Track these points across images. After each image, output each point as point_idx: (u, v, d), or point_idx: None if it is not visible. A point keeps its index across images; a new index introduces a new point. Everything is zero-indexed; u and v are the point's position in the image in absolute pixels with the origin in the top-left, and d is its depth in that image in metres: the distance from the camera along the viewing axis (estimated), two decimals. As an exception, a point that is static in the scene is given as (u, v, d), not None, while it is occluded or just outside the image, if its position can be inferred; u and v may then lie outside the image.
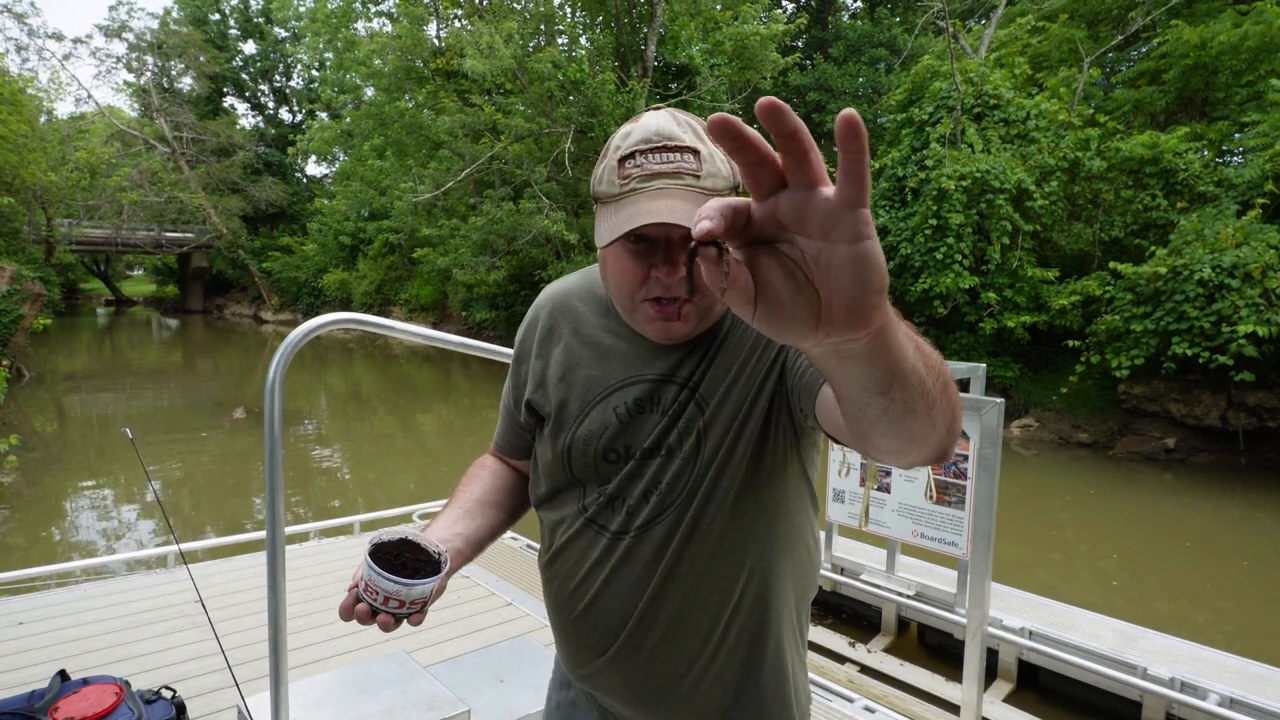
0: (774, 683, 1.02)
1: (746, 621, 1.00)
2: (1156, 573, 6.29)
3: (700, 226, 0.45)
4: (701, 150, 0.89)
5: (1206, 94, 12.91)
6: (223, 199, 32.49)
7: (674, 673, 0.99)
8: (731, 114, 0.44)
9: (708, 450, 0.96)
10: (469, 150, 18.22)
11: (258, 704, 2.03)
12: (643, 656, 0.99)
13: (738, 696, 1.01)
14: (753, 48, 17.39)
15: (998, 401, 2.31)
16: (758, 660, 1.01)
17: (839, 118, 0.41)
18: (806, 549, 1.05)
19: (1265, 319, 8.39)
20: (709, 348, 0.99)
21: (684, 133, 0.89)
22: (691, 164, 0.88)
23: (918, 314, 12.26)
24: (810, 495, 1.05)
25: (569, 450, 1.03)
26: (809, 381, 0.87)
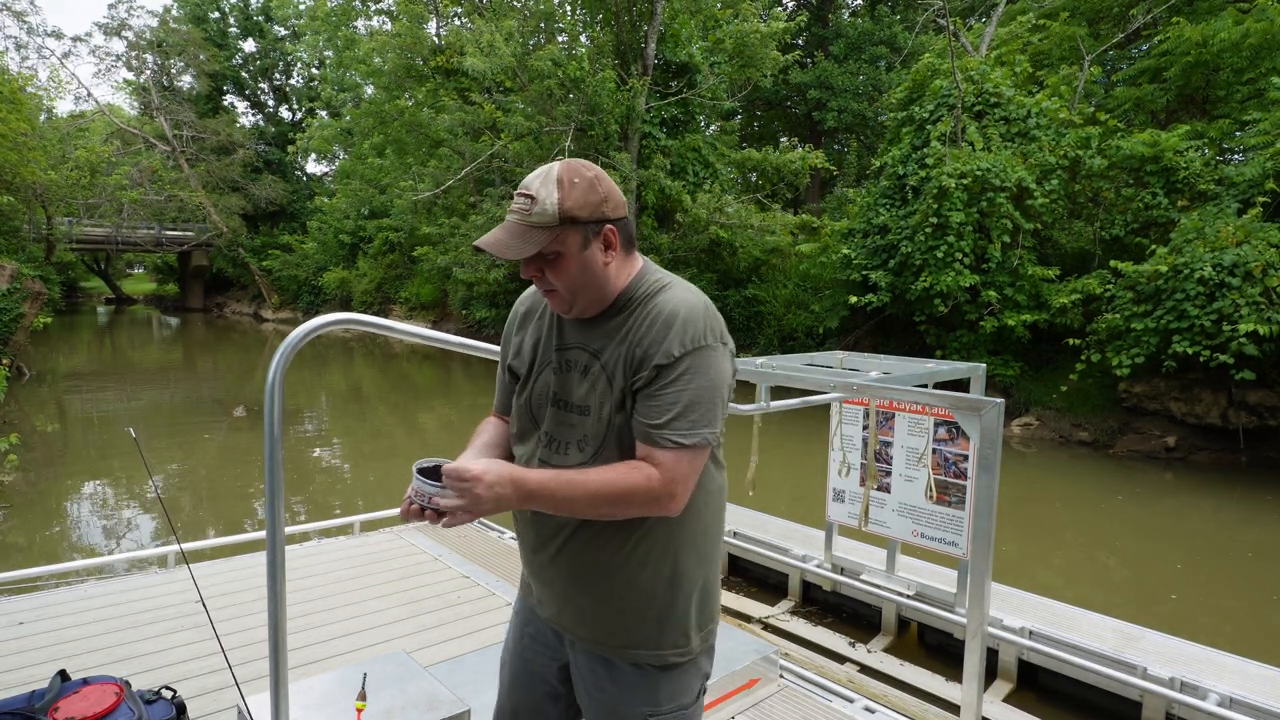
0: (670, 589, 1.34)
1: (647, 545, 1.32)
2: (1156, 572, 6.29)
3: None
4: (538, 197, 1.24)
5: (1207, 92, 12.89)
6: (223, 197, 32.46)
7: (597, 566, 1.34)
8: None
9: (607, 410, 1.29)
10: (469, 148, 18.20)
11: (258, 704, 2.03)
12: (576, 553, 1.34)
13: (638, 593, 1.33)
14: (753, 46, 17.36)
15: (998, 401, 2.31)
16: (663, 576, 1.34)
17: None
18: (704, 495, 1.35)
19: (1266, 317, 8.39)
20: (615, 328, 1.32)
21: (536, 184, 1.25)
22: (525, 206, 1.25)
23: (918, 312, 12.26)
24: (711, 461, 1.35)
25: (529, 400, 1.41)
26: (635, 429, 1.27)
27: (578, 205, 1.25)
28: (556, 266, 1.28)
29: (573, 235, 1.27)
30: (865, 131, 23.88)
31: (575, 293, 1.30)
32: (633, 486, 1.21)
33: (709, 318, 1.28)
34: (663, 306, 1.28)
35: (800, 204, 23.50)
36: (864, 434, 4.19)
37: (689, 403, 1.23)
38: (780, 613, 4.75)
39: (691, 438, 1.23)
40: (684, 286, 1.33)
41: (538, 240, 1.25)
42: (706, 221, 16.05)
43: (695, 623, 1.38)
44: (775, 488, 7.98)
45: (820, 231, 16.66)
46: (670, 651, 1.36)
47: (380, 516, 4.92)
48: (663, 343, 1.24)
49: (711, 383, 1.26)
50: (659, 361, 1.24)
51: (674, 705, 1.39)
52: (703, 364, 1.25)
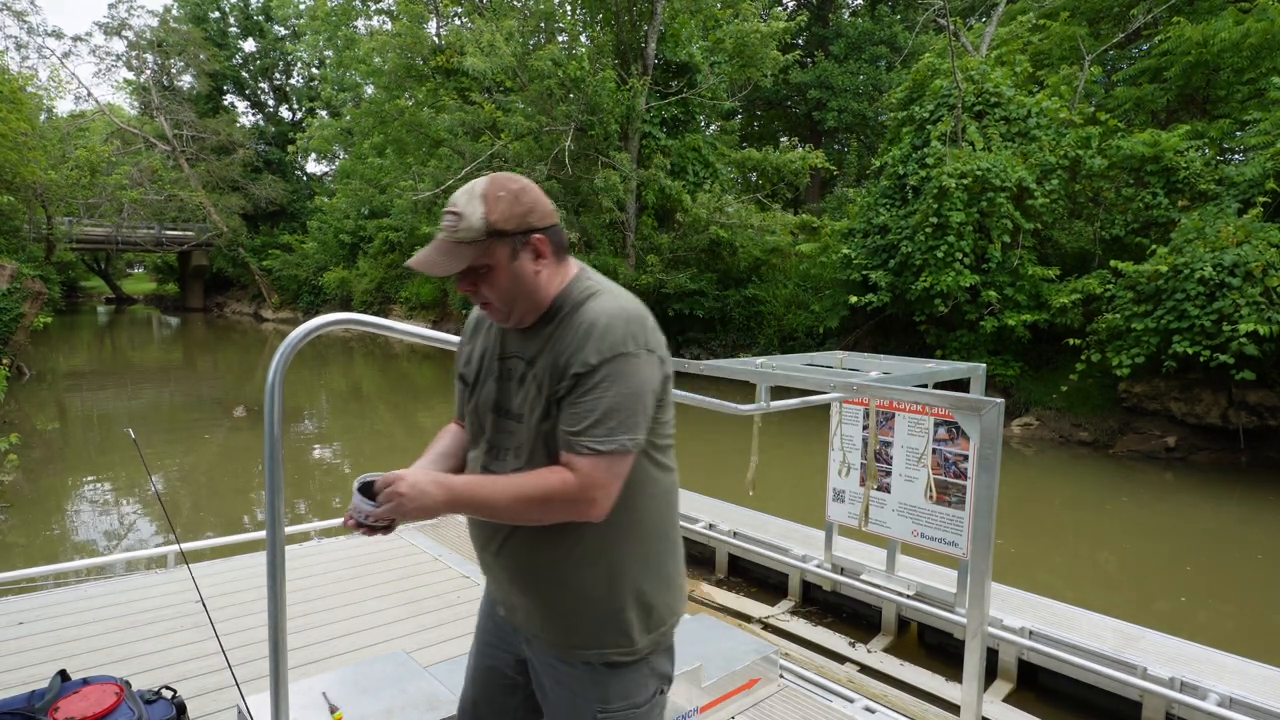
0: (608, 590, 1.36)
1: (585, 548, 1.35)
2: (1156, 572, 6.29)
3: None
4: (463, 213, 1.29)
5: (1208, 92, 12.89)
6: (223, 197, 32.45)
7: (535, 567, 1.37)
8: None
9: (536, 417, 1.32)
10: (469, 148, 18.19)
11: (258, 704, 2.03)
12: (515, 553, 1.39)
13: (576, 594, 1.36)
14: (753, 45, 17.35)
15: (998, 401, 2.31)
16: (601, 577, 1.36)
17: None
18: (644, 498, 1.37)
19: (1266, 317, 8.38)
20: (546, 336, 1.35)
21: (462, 201, 1.30)
22: (452, 223, 1.29)
23: (918, 312, 12.25)
24: (651, 464, 1.38)
25: (476, 408, 1.46)
26: (558, 436, 1.30)
27: (503, 218, 1.29)
28: (489, 279, 1.32)
29: (500, 247, 1.30)
30: (865, 131, 23.87)
31: (510, 304, 1.34)
32: (549, 491, 1.24)
33: (631, 325, 1.29)
34: (585, 315, 1.30)
35: (800, 204, 23.50)
36: (864, 434, 4.19)
37: (606, 410, 1.25)
38: (780, 613, 4.75)
39: (608, 444, 1.25)
40: (612, 295, 1.34)
41: (466, 255, 1.29)
42: (706, 221, 16.05)
43: (640, 624, 1.39)
44: (775, 488, 7.98)
45: (820, 231, 16.66)
46: (613, 651, 1.38)
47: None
48: (581, 351, 1.27)
49: (631, 390, 1.27)
50: (576, 370, 1.27)
51: (624, 704, 1.41)
52: (621, 371, 1.26)
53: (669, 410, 1.39)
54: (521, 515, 1.27)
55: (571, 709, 1.42)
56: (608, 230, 17.09)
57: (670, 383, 1.38)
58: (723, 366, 3.24)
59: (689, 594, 5.03)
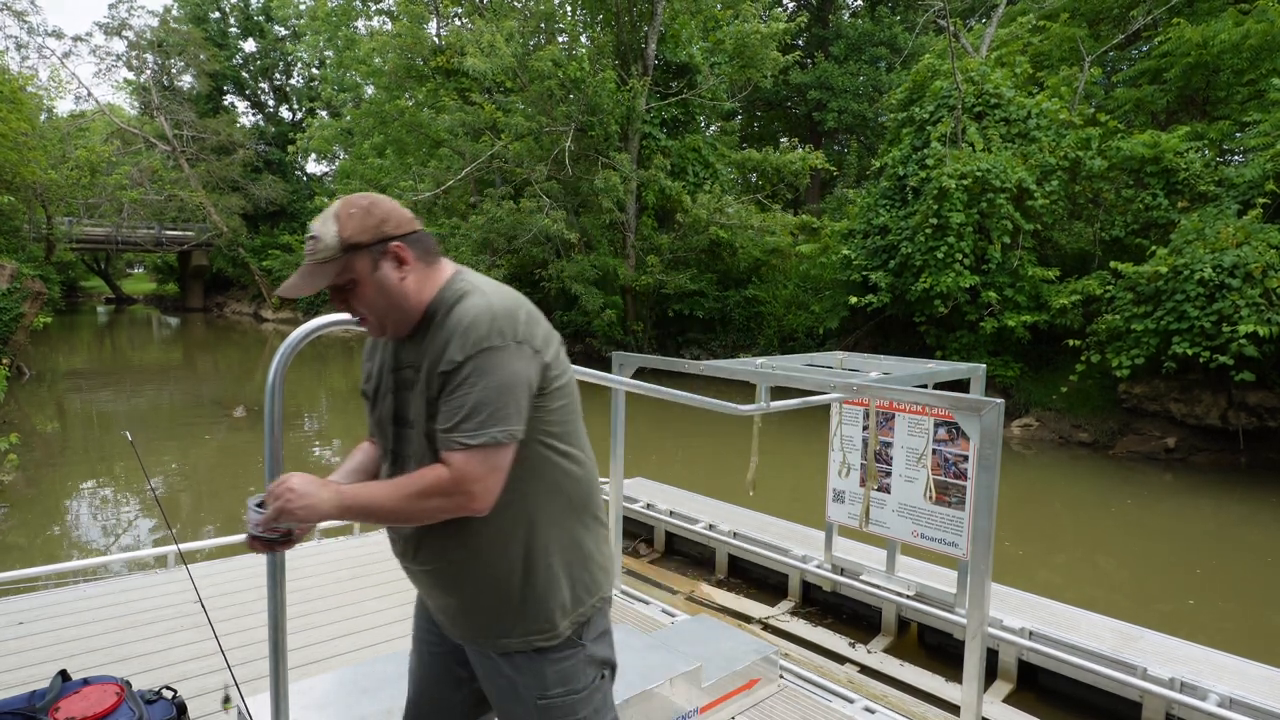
0: (522, 581, 1.40)
1: (489, 543, 1.38)
2: (1156, 573, 6.29)
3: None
4: (319, 235, 1.33)
5: (1207, 93, 12.90)
6: (223, 197, 32.44)
7: (449, 567, 1.41)
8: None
9: (423, 422, 1.35)
10: (469, 149, 18.20)
11: (258, 704, 2.04)
12: (427, 558, 1.42)
13: (490, 588, 1.40)
14: (753, 46, 17.36)
15: (998, 402, 2.31)
16: (514, 569, 1.40)
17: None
18: (545, 486, 1.40)
19: (1266, 319, 8.39)
20: (427, 341, 1.36)
21: (319, 223, 1.34)
22: (312, 246, 1.33)
23: (918, 313, 12.26)
24: (549, 451, 1.40)
25: (379, 422, 1.48)
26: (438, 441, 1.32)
27: (356, 231, 1.32)
28: (356, 294, 1.35)
29: (359, 261, 1.33)
30: (865, 132, 23.88)
31: (381, 315, 1.37)
32: (426, 486, 1.26)
33: (497, 320, 1.29)
34: (455, 316, 1.32)
35: (800, 204, 23.50)
36: (864, 434, 4.19)
37: (475, 404, 1.27)
38: (780, 613, 4.75)
39: (477, 438, 1.26)
40: (482, 293, 1.35)
41: (326, 273, 1.33)
42: (706, 222, 16.05)
43: (559, 607, 1.42)
44: (775, 488, 7.98)
45: (820, 232, 16.66)
46: (536, 638, 1.42)
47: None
48: (449, 350, 1.29)
49: (500, 382, 1.28)
50: (443, 369, 1.29)
51: (563, 690, 1.45)
52: (488, 365, 1.27)
53: (561, 397, 1.40)
54: (407, 514, 1.28)
55: (514, 700, 1.46)
56: (608, 231, 17.09)
57: (555, 371, 1.38)
58: (722, 367, 3.24)
59: (689, 594, 5.04)
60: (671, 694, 2.56)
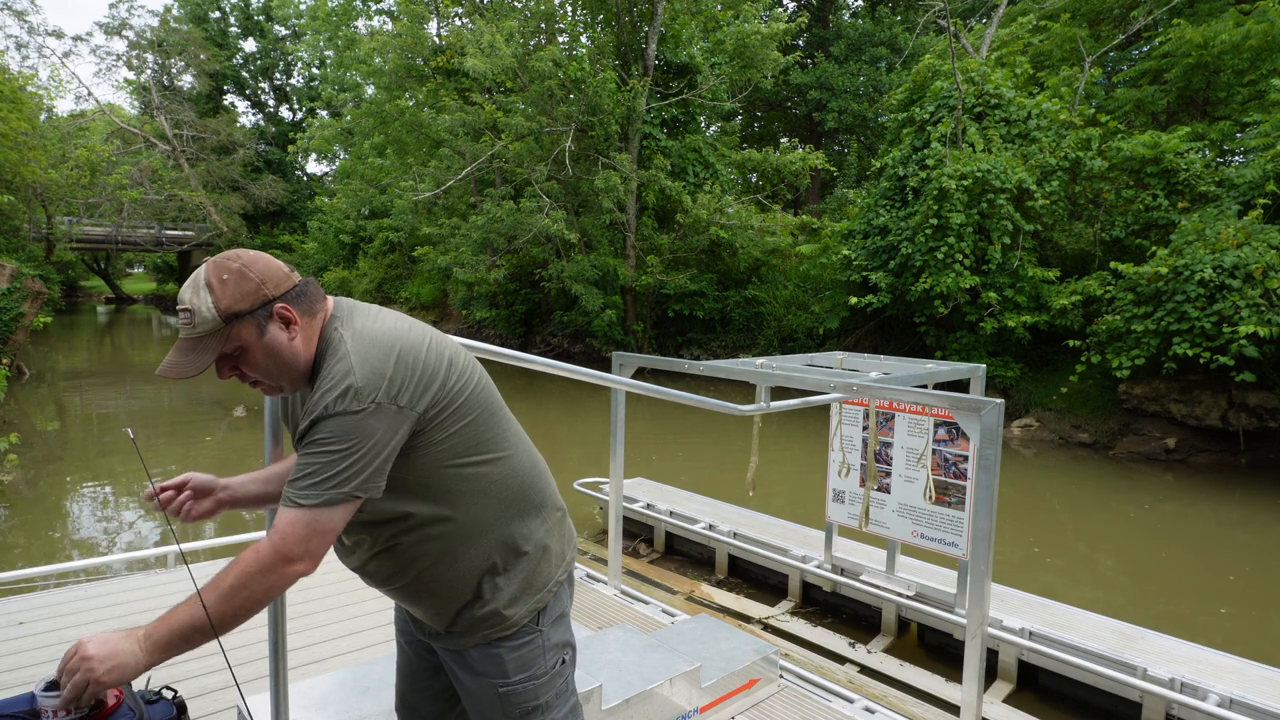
0: (465, 584, 1.43)
1: (430, 555, 1.41)
2: (1156, 573, 6.29)
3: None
4: (193, 308, 1.23)
5: (1208, 93, 12.90)
6: (223, 197, 32.46)
7: (396, 584, 1.45)
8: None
9: None
10: (469, 149, 18.20)
11: (258, 704, 2.04)
12: (373, 577, 1.48)
13: (437, 595, 1.44)
14: (753, 46, 17.36)
15: (998, 402, 2.31)
16: (460, 577, 1.43)
17: None
18: (468, 498, 1.41)
19: (1266, 319, 8.38)
20: (309, 395, 1.32)
21: (189, 294, 1.24)
22: (188, 320, 1.24)
23: (918, 313, 12.26)
24: (463, 469, 1.39)
25: None
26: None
27: (235, 300, 1.23)
28: (246, 361, 1.28)
29: (244, 328, 1.25)
30: (865, 132, 23.88)
31: (276, 379, 1.31)
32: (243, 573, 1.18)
33: (358, 381, 1.22)
34: (320, 376, 1.27)
35: (800, 205, 23.51)
36: (864, 434, 4.19)
37: (317, 466, 1.21)
38: (780, 613, 4.75)
39: (308, 498, 1.21)
40: (345, 350, 1.26)
41: (211, 347, 1.24)
42: (707, 222, 16.06)
43: (508, 599, 1.46)
44: (775, 488, 7.98)
45: (820, 232, 16.66)
46: (492, 631, 1.46)
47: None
48: (307, 412, 1.25)
49: (342, 448, 1.21)
50: (301, 429, 1.25)
51: (525, 677, 1.48)
52: (339, 429, 1.21)
53: (460, 419, 1.35)
54: (237, 612, 1.19)
55: (478, 689, 1.50)
56: (608, 231, 17.09)
57: (442, 405, 1.32)
58: (723, 367, 3.24)
59: (689, 594, 5.04)
60: (671, 694, 2.56)
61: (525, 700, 1.48)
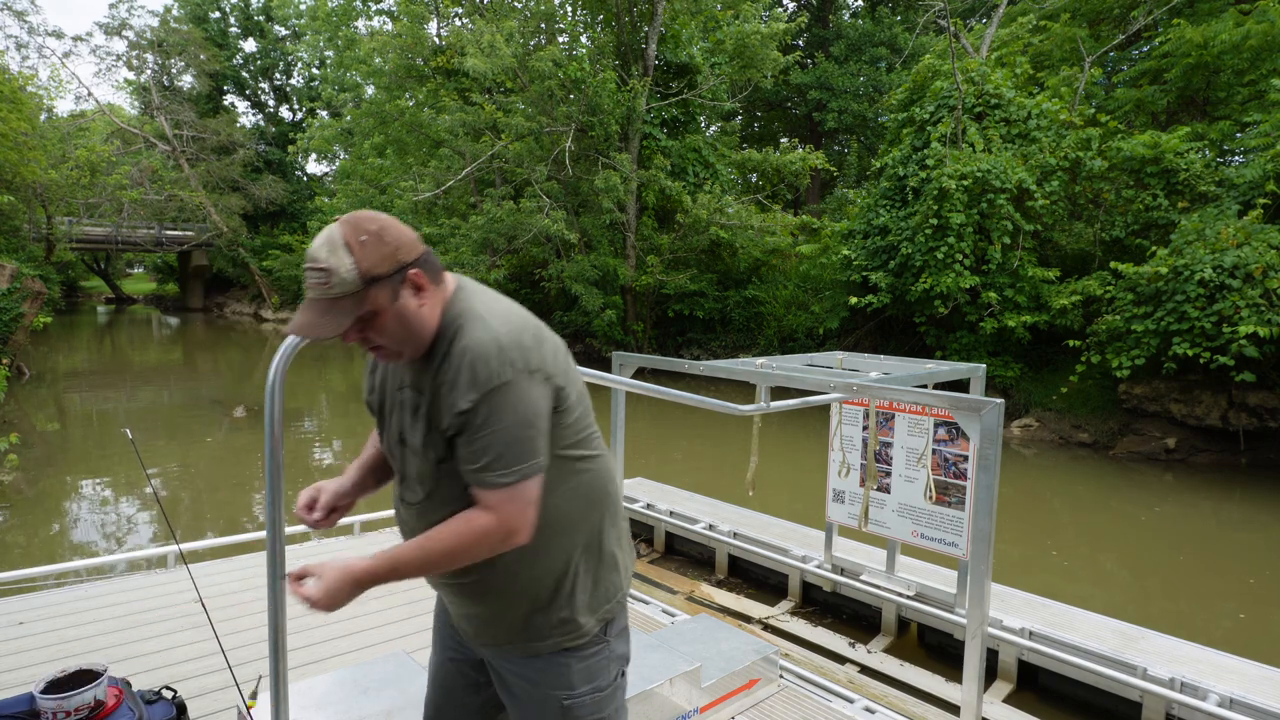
0: (545, 585, 1.40)
1: (515, 555, 1.36)
2: (1156, 573, 6.29)
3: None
4: (331, 267, 1.22)
5: (1208, 93, 12.90)
6: (223, 197, 32.45)
7: (471, 582, 1.40)
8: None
9: (431, 451, 1.32)
10: (469, 149, 18.20)
11: (258, 704, 2.03)
12: (454, 571, 1.38)
13: (514, 596, 1.40)
14: (753, 46, 17.36)
15: (998, 402, 2.31)
16: (538, 577, 1.39)
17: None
18: (564, 494, 1.39)
19: (1266, 319, 8.39)
20: (433, 367, 1.32)
21: (324, 254, 1.23)
22: (322, 280, 1.22)
23: (918, 313, 12.26)
24: (569, 462, 1.39)
25: (386, 440, 1.45)
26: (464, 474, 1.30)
27: (375, 262, 1.23)
28: (375, 326, 1.27)
29: (380, 293, 1.25)
30: (865, 132, 23.89)
31: (400, 345, 1.31)
32: (474, 540, 1.26)
33: (505, 351, 1.25)
34: (456, 350, 1.27)
35: (800, 205, 23.52)
36: (864, 434, 4.19)
37: (501, 444, 1.24)
38: (780, 613, 4.75)
39: (509, 476, 1.25)
40: (481, 320, 1.29)
41: (348, 310, 1.23)
42: (707, 222, 16.06)
43: (583, 606, 1.42)
44: (775, 488, 7.98)
45: (820, 232, 16.66)
46: (564, 639, 1.42)
47: (380, 517, 4.92)
48: (459, 390, 1.24)
49: (517, 419, 1.25)
50: (460, 409, 1.24)
51: (590, 689, 1.44)
52: (502, 404, 1.24)
53: (574, 412, 1.38)
54: (453, 565, 1.28)
55: (538, 702, 1.44)
56: (608, 231, 17.10)
57: (567, 386, 1.35)
58: (723, 367, 3.24)
59: (689, 594, 5.04)
60: (671, 694, 2.56)
61: (589, 713, 1.44)
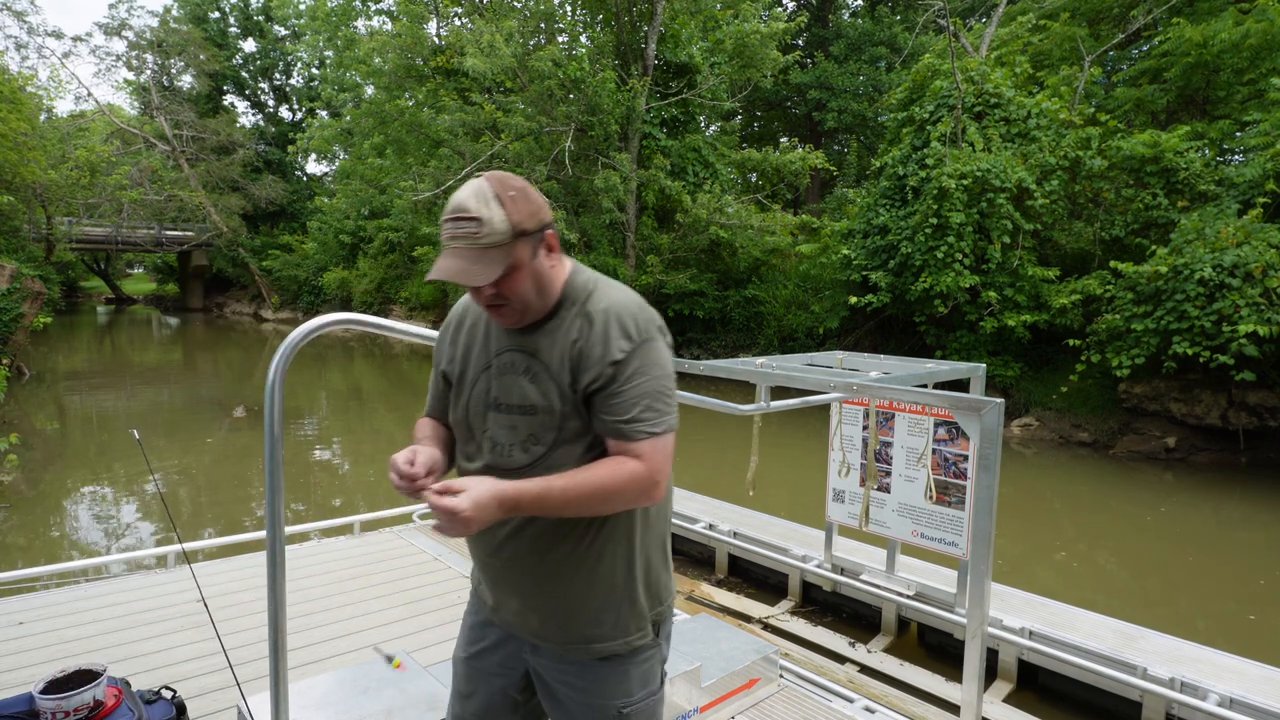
0: (628, 576, 1.39)
1: (604, 534, 1.36)
2: (1156, 573, 6.29)
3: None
4: (483, 217, 1.24)
5: (1207, 92, 12.89)
6: (223, 197, 32.46)
7: (558, 564, 1.36)
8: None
9: (557, 409, 1.32)
10: (469, 149, 18.21)
11: (258, 704, 2.04)
12: (531, 552, 1.36)
13: (601, 585, 1.37)
14: (753, 46, 17.37)
15: (998, 401, 2.31)
16: (619, 562, 1.38)
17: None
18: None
19: (1266, 318, 8.38)
20: (552, 329, 1.34)
21: (475, 204, 1.25)
22: (473, 229, 1.24)
23: (918, 313, 12.25)
24: None
25: (467, 407, 1.42)
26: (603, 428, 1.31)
27: (525, 217, 1.27)
28: (512, 281, 1.29)
29: (524, 248, 1.28)
30: (865, 132, 23.89)
31: (527, 302, 1.32)
32: (623, 483, 1.26)
33: (645, 312, 1.34)
34: (598, 310, 1.32)
35: (800, 204, 23.51)
36: (864, 434, 4.19)
37: (651, 394, 1.29)
38: (780, 613, 4.75)
39: (659, 426, 1.29)
40: (615, 285, 1.37)
41: (499, 260, 1.25)
42: (706, 222, 16.06)
43: (649, 604, 1.43)
44: (775, 488, 7.98)
45: (820, 232, 16.66)
46: (635, 637, 1.41)
47: (380, 516, 4.92)
48: (611, 342, 1.29)
49: (663, 372, 1.32)
50: (614, 358, 1.28)
51: (645, 693, 1.43)
52: (652, 356, 1.30)
53: None
54: (589, 510, 1.28)
55: (594, 708, 1.40)
56: (608, 230, 17.09)
57: None
58: (723, 367, 3.24)
59: (689, 594, 5.04)
60: (671, 694, 2.56)
61: (645, 719, 1.42)
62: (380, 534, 4.69)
